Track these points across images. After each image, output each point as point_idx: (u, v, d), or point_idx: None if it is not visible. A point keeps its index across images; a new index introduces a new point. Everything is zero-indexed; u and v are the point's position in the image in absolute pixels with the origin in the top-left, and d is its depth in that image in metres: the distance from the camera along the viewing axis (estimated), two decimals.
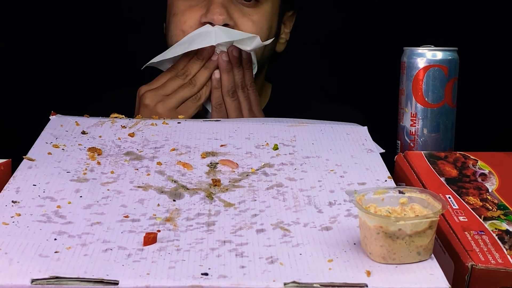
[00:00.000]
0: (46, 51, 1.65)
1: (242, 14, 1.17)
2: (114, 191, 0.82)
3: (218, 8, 1.14)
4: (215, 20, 1.14)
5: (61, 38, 1.65)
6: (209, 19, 1.14)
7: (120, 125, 1.01)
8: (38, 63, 1.66)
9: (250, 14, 1.17)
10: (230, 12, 1.16)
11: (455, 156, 0.95)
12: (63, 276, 0.65)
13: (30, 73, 1.66)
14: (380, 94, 1.53)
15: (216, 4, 1.15)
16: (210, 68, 1.14)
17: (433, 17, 1.65)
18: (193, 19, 1.17)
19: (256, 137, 0.99)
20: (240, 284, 0.65)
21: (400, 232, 0.68)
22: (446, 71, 1.03)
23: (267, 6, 1.19)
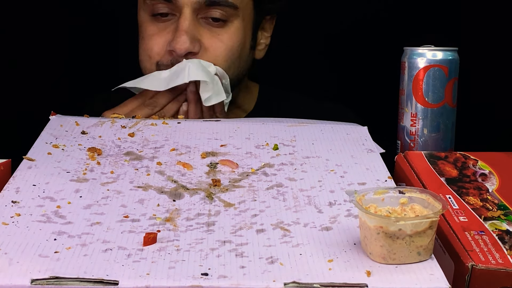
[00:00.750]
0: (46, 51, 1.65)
1: (211, 35, 1.15)
2: (114, 191, 0.82)
3: (181, 37, 1.11)
4: (178, 50, 1.12)
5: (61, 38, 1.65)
6: (172, 48, 1.12)
7: (120, 125, 1.01)
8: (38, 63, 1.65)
9: (219, 34, 1.15)
10: (198, 35, 1.14)
11: (455, 156, 0.95)
12: (63, 276, 0.65)
13: (30, 73, 1.66)
14: (380, 94, 1.53)
15: (180, 32, 1.12)
16: (179, 101, 1.12)
17: (433, 17, 1.65)
18: (160, 45, 1.15)
19: (256, 137, 0.99)
20: (240, 284, 0.65)
21: (400, 232, 0.68)
22: (446, 71, 1.03)
23: (237, 23, 1.16)
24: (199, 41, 1.14)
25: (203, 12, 1.13)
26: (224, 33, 1.15)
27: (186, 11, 1.12)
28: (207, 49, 1.14)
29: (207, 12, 1.13)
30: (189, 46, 1.12)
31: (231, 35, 1.15)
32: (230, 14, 1.14)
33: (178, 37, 1.12)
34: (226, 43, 1.15)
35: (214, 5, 1.13)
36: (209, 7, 1.13)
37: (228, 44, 1.15)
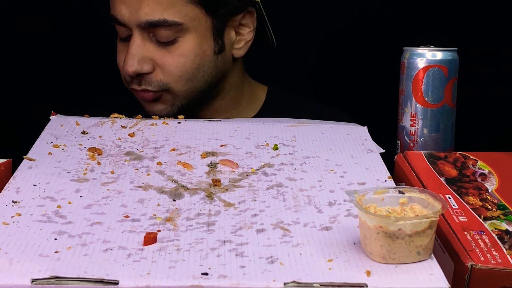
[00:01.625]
0: (46, 51, 1.65)
1: (163, 53, 1.15)
2: (114, 191, 0.82)
3: (128, 60, 1.14)
4: (126, 72, 1.15)
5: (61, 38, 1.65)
6: (123, 70, 1.16)
7: (120, 125, 1.01)
8: (38, 63, 1.65)
9: (170, 51, 1.15)
10: (151, 54, 1.15)
11: (455, 156, 0.95)
12: (63, 276, 0.65)
13: (30, 73, 1.66)
14: (380, 94, 1.53)
15: (128, 55, 1.15)
16: None
17: (433, 17, 1.65)
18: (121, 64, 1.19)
19: (256, 137, 0.99)
20: (240, 284, 0.65)
21: (400, 232, 0.68)
22: (446, 71, 1.03)
23: (188, 37, 1.15)
24: (152, 60, 1.15)
25: (152, 32, 1.14)
26: (175, 50, 1.15)
27: (135, 33, 1.15)
28: (161, 67, 1.16)
29: (154, 32, 1.14)
30: (135, 69, 1.14)
31: (182, 50, 1.15)
32: (177, 31, 1.14)
33: (126, 59, 1.15)
34: (178, 60, 1.15)
35: (156, 27, 1.13)
36: (153, 28, 1.14)
37: (179, 60, 1.15)
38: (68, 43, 1.65)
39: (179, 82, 1.16)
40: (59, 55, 1.66)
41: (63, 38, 1.65)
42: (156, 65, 1.16)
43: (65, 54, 1.66)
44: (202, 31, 1.16)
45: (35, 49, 1.65)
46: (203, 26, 1.16)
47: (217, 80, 1.21)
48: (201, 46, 1.16)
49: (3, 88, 1.64)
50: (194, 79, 1.17)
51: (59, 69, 1.66)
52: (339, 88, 1.69)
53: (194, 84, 1.17)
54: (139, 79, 1.16)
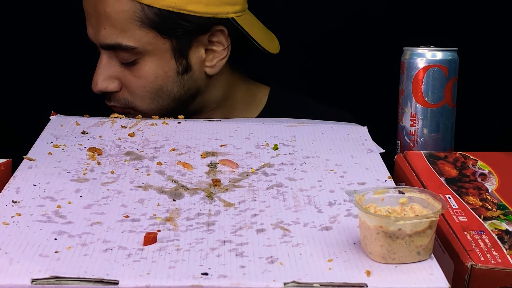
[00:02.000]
0: (46, 51, 1.65)
1: (128, 73, 1.16)
2: (114, 191, 0.82)
3: (95, 77, 1.17)
4: (93, 89, 1.17)
5: (61, 38, 1.65)
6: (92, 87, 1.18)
7: (120, 125, 1.01)
8: (38, 63, 1.65)
9: (132, 72, 1.16)
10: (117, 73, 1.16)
11: (455, 156, 0.95)
12: (63, 276, 0.65)
13: (30, 73, 1.66)
14: (380, 94, 1.53)
15: (95, 73, 1.17)
16: None
17: (433, 17, 1.65)
18: None
19: (256, 137, 0.99)
20: (240, 284, 0.65)
21: (400, 232, 0.68)
22: (446, 71, 1.03)
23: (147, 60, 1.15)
24: (119, 79, 1.17)
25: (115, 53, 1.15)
26: (136, 70, 1.16)
27: (102, 52, 1.17)
28: (126, 86, 1.17)
29: (117, 55, 1.15)
30: (99, 88, 1.17)
31: (142, 72, 1.16)
32: (135, 53, 1.14)
33: (93, 77, 1.18)
34: (138, 81, 1.16)
35: (112, 49, 1.15)
36: (112, 50, 1.15)
37: (140, 82, 1.16)
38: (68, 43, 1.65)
39: (143, 101, 1.17)
40: (59, 55, 1.66)
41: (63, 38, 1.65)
42: (122, 84, 1.17)
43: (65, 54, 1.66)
44: (160, 53, 1.16)
45: (35, 49, 1.65)
46: (160, 48, 1.15)
47: (188, 97, 1.20)
48: (162, 67, 1.16)
49: (3, 88, 1.64)
50: (158, 99, 1.17)
51: (59, 69, 1.66)
52: (339, 88, 1.69)
53: (159, 103, 1.18)
54: (108, 96, 1.18)
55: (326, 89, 1.68)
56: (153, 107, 1.18)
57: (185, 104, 1.20)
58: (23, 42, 1.65)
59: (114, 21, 1.13)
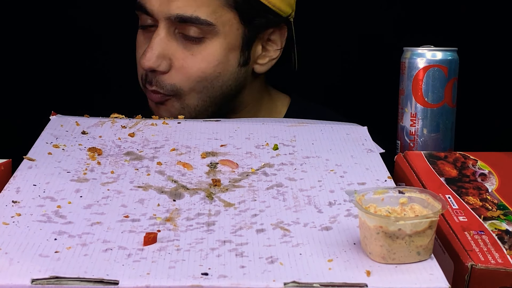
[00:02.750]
0: (46, 51, 1.65)
1: (185, 54, 1.10)
2: (114, 191, 0.82)
3: (147, 53, 1.09)
4: (142, 65, 1.10)
5: (61, 38, 1.65)
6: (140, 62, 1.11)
7: (120, 125, 1.01)
8: (38, 63, 1.66)
9: (193, 53, 1.10)
10: (171, 52, 1.10)
11: (455, 156, 0.95)
12: (63, 276, 0.65)
13: (30, 73, 1.66)
14: (380, 94, 1.53)
15: (148, 48, 1.10)
16: None
17: (433, 17, 1.65)
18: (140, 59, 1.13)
19: (256, 137, 0.99)
20: (240, 284, 0.65)
21: (400, 232, 0.68)
22: (446, 71, 1.04)
23: (216, 41, 1.10)
24: (170, 60, 1.11)
25: (179, 27, 1.10)
26: (199, 52, 1.10)
27: (161, 25, 1.10)
28: (178, 68, 1.11)
29: (183, 29, 1.10)
30: (152, 65, 1.10)
31: (206, 55, 1.11)
32: (206, 31, 1.10)
33: (146, 52, 1.10)
34: (200, 64, 1.10)
35: (186, 22, 1.09)
36: (182, 24, 1.09)
37: (201, 65, 1.11)
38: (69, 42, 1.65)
39: (194, 88, 1.11)
40: (60, 55, 1.66)
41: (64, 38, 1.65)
42: (173, 66, 1.11)
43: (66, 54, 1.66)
44: (231, 39, 1.12)
45: (35, 49, 1.65)
46: (234, 33, 1.12)
47: (234, 93, 1.16)
48: (227, 54, 1.12)
49: (3, 88, 1.64)
50: (210, 88, 1.12)
51: (59, 69, 1.66)
52: (339, 87, 1.69)
53: (209, 93, 1.12)
54: (152, 78, 1.12)
55: (326, 88, 1.68)
56: (200, 96, 1.12)
57: (227, 101, 1.15)
58: (23, 42, 1.65)
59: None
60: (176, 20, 1.09)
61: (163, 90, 1.12)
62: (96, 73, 1.68)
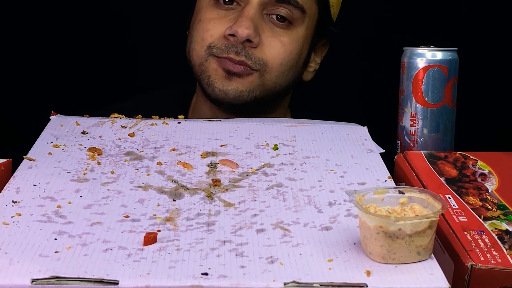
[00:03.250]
0: (46, 51, 1.65)
1: (272, 34, 1.11)
2: (114, 191, 0.82)
3: (245, 22, 1.09)
4: (239, 34, 1.09)
5: (61, 38, 1.65)
6: (233, 31, 1.09)
7: (120, 125, 1.01)
8: (38, 63, 1.65)
9: (280, 35, 1.12)
10: (260, 29, 1.11)
11: (455, 156, 0.95)
12: (63, 276, 0.65)
13: (30, 73, 1.66)
14: (380, 94, 1.53)
15: (245, 18, 1.09)
16: None
17: (433, 17, 1.65)
18: (217, 29, 1.12)
19: (256, 137, 0.99)
20: (240, 284, 0.65)
21: (400, 232, 0.68)
22: (446, 71, 1.04)
23: (301, 30, 1.13)
24: (260, 35, 1.11)
25: (269, 8, 1.11)
26: (286, 36, 1.12)
27: (253, 1, 1.11)
28: (265, 46, 1.11)
29: (274, 9, 1.11)
30: (251, 33, 1.09)
31: (292, 40, 1.12)
32: (297, 17, 1.12)
33: (242, 21, 1.09)
34: (286, 46, 1.12)
35: (283, 2, 1.11)
36: (277, 4, 1.11)
37: (288, 47, 1.12)
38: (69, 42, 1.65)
39: (277, 69, 1.13)
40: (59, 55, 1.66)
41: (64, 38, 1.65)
42: (262, 43, 1.11)
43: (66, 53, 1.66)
44: (309, 33, 1.14)
45: (35, 49, 1.65)
46: (312, 28, 1.14)
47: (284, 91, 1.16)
48: (303, 46, 1.14)
49: (3, 88, 1.64)
50: (287, 74, 1.14)
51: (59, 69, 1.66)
52: (339, 87, 1.69)
53: (281, 80, 1.14)
54: (241, 49, 1.11)
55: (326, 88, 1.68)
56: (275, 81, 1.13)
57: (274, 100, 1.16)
58: (23, 42, 1.65)
59: None
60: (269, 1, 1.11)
61: (251, 62, 1.11)
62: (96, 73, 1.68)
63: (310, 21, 1.15)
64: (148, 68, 1.66)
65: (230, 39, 1.11)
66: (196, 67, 1.15)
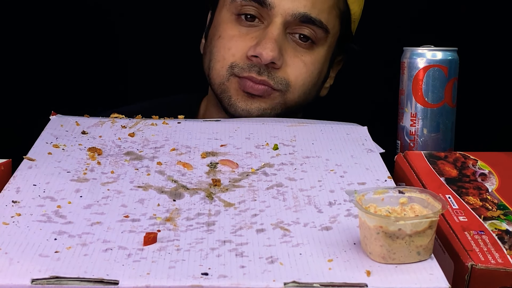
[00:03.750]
0: (46, 51, 1.65)
1: (295, 54, 1.10)
2: (114, 191, 0.82)
3: (270, 44, 1.07)
4: (264, 56, 1.07)
5: (60, 38, 1.65)
6: (257, 53, 1.07)
7: (120, 125, 1.01)
8: (38, 63, 1.65)
9: (302, 55, 1.11)
10: (282, 50, 1.10)
11: (455, 156, 0.95)
12: (63, 276, 0.65)
13: (30, 73, 1.66)
14: (380, 94, 1.53)
15: (269, 39, 1.07)
16: None
17: (433, 17, 1.65)
18: (239, 48, 1.10)
19: (256, 137, 0.99)
20: (240, 284, 0.65)
21: (400, 232, 0.68)
22: (446, 71, 1.04)
23: (322, 50, 1.13)
24: (283, 56, 1.10)
25: (292, 27, 1.10)
26: (308, 56, 1.11)
27: (277, 20, 1.09)
28: (288, 66, 1.10)
29: (297, 29, 1.10)
30: (276, 56, 1.08)
31: (314, 60, 1.11)
32: (320, 37, 1.11)
33: (266, 43, 1.08)
34: (308, 66, 1.11)
35: (308, 23, 1.09)
36: (301, 23, 1.09)
37: (309, 68, 1.11)
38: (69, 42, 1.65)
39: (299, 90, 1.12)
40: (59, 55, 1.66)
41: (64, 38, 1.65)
42: (286, 63, 1.10)
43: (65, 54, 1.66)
44: (330, 51, 1.14)
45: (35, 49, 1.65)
46: (332, 46, 1.14)
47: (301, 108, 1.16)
48: (324, 66, 1.13)
49: (3, 88, 1.64)
50: (307, 94, 1.13)
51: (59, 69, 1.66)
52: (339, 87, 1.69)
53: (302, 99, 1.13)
54: (264, 70, 1.09)
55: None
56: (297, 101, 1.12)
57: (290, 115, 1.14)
58: (23, 42, 1.65)
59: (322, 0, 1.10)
60: (299, 19, 1.09)
61: (273, 82, 1.10)
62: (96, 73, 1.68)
63: (332, 40, 1.14)
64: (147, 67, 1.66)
65: (253, 60, 1.09)
66: (216, 86, 1.14)
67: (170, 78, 1.56)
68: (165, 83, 1.60)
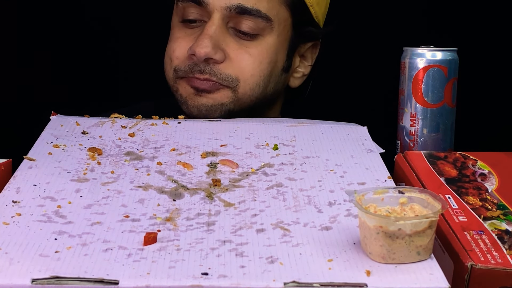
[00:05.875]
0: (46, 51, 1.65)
1: (239, 46, 1.09)
2: (114, 191, 0.83)
3: (203, 40, 1.07)
4: (197, 53, 1.08)
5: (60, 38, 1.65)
6: (192, 51, 1.08)
7: (120, 125, 1.01)
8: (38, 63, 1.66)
9: (247, 47, 1.10)
10: (224, 45, 1.09)
11: (454, 156, 0.95)
12: (63, 276, 0.65)
13: (30, 72, 1.66)
14: (380, 94, 1.53)
15: (203, 35, 1.08)
16: None
17: (433, 17, 1.65)
18: (181, 50, 1.11)
19: (256, 137, 0.99)
20: (240, 284, 0.65)
21: (400, 232, 0.68)
22: (445, 71, 1.04)
23: (270, 39, 1.10)
24: (224, 50, 1.09)
25: (233, 21, 1.09)
26: (254, 46, 1.10)
27: (215, 16, 1.09)
28: (232, 59, 1.10)
29: (237, 23, 1.09)
30: (209, 51, 1.07)
31: (261, 49, 1.10)
32: (262, 27, 1.10)
33: (199, 40, 1.08)
34: (255, 57, 1.10)
35: (245, 14, 1.08)
36: (240, 16, 1.09)
37: (257, 58, 1.10)
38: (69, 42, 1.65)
39: (249, 82, 1.11)
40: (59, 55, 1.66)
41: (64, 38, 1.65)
42: (228, 58, 1.10)
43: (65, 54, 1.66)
44: (282, 39, 1.12)
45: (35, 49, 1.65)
46: (285, 34, 1.12)
47: (266, 101, 1.14)
48: (277, 53, 1.12)
49: (3, 88, 1.64)
50: (262, 85, 1.11)
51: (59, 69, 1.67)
52: (339, 87, 1.69)
53: (257, 93, 1.11)
54: (204, 67, 1.09)
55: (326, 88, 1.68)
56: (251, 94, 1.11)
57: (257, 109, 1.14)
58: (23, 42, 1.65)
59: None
60: (235, 11, 1.09)
61: (217, 79, 1.10)
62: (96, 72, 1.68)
63: (281, 27, 1.12)
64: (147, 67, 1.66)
65: (194, 58, 1.10)
66: (170, 87, 1.16)
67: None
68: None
